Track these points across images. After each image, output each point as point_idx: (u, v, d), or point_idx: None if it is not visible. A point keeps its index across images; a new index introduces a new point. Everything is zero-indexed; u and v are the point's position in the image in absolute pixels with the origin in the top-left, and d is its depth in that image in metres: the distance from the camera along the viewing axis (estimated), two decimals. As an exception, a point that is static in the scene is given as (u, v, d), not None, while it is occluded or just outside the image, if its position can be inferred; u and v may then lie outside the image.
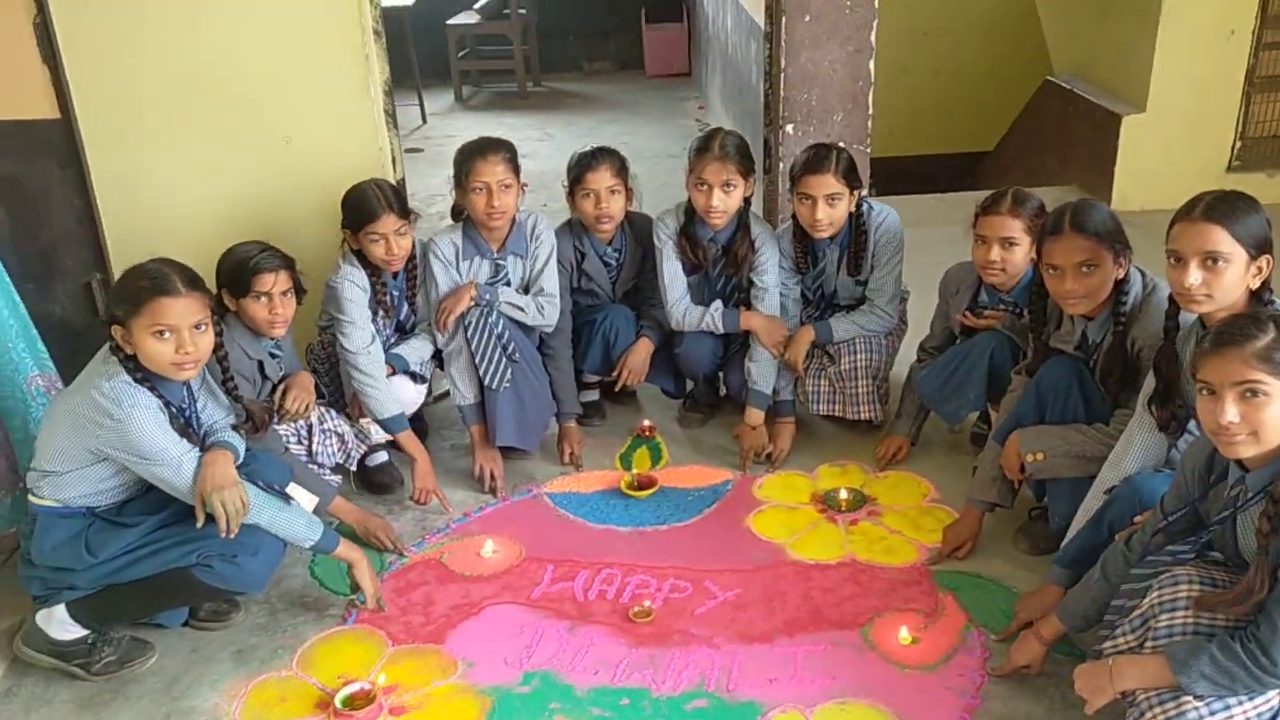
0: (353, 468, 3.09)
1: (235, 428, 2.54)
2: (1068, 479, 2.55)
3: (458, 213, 3.19)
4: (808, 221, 3.08)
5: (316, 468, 2.92)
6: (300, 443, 2.92)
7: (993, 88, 6.58)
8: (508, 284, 3.16)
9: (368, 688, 2.35)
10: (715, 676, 2.42)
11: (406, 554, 2.88)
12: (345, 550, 2.57)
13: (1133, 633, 1.98)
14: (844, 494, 3.03)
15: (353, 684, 2.36)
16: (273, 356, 2.88)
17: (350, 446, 3.03)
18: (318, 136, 3.27)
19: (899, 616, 2.57)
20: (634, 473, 3.19)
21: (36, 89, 3.14)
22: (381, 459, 3.19)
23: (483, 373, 3.06)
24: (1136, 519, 2.21)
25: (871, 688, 2.36)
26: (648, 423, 3.46)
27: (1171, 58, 4.91)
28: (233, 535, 2.33)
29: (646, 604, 2.63)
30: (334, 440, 2.99)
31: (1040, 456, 2.55)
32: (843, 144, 3.35)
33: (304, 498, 2.60)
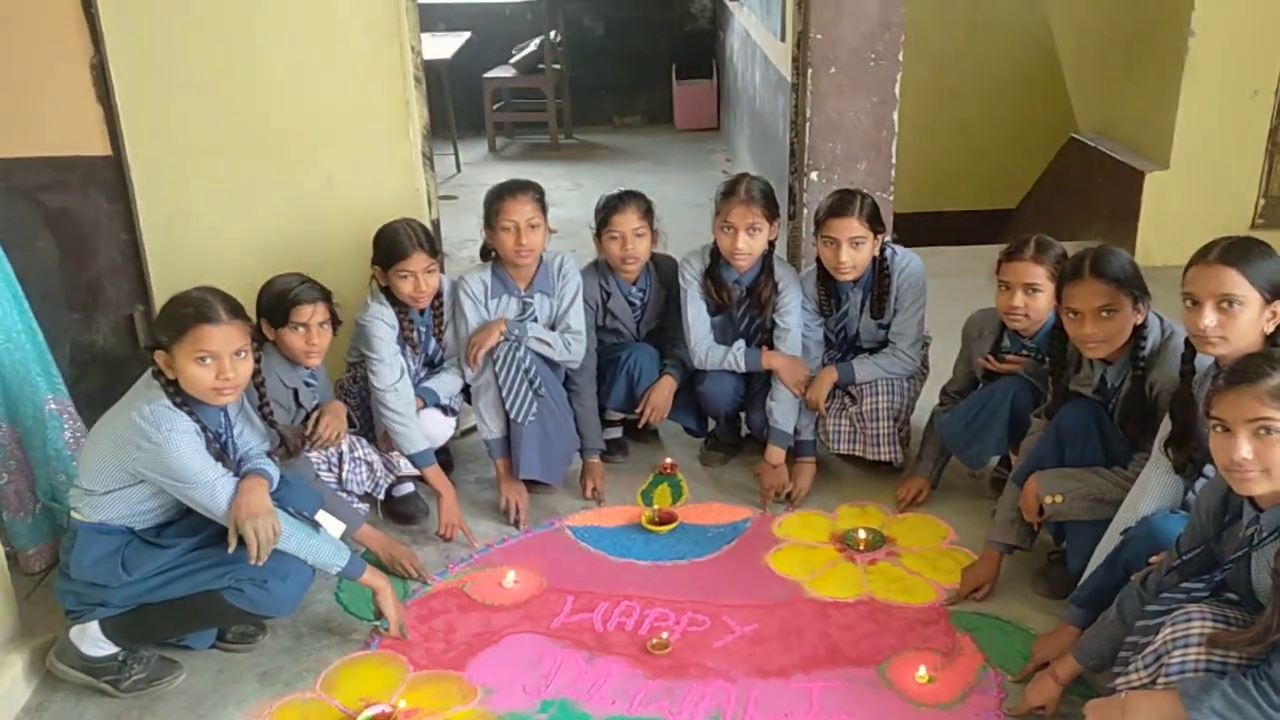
0: (380, 497, 3.14)
1: (269, 454, 2.61)
2: (1087, 522, 2.55)
3: (486, 252, 3.26)
4: (832, 264, 3.13)
5: (345, 495, 2.98)
6: (331, 470, 2.98)
7: (1018, 145, 6.66)
8: (535, 321, 3.21)
9: (389, 711, 2.39)
10: (731, 710, 2.43)
11: (430, 582, 2.92)
12: (370, 577, 2.62)
13: (1146, 668, 1.99)
14: (863, 534, 3.04)
15: (374, 707, 2.40)
16: (308, 385, 2.95)
17: (379, 475, 3.08)
18: (358, 177, 3.37)
19: (917, 655, 2.57)
20: (655, 508, 3.22)
21: (90, 126, 3.27)
22: (408, 490, 3.24)
23: (509, 407, 3.11)
24: (1152, 559, 2.21)
25: (887, 724, 2.36)
26: (669, 460, 3.49)
27: (1195, 116, 4.96)
28: (262, 563, 2.38)
29: (664, 636, 2.65)
30: (363, 468, 3.04)
31: (1059, 499, 2.56)
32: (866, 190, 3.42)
33: (332, 524, 2.66)
